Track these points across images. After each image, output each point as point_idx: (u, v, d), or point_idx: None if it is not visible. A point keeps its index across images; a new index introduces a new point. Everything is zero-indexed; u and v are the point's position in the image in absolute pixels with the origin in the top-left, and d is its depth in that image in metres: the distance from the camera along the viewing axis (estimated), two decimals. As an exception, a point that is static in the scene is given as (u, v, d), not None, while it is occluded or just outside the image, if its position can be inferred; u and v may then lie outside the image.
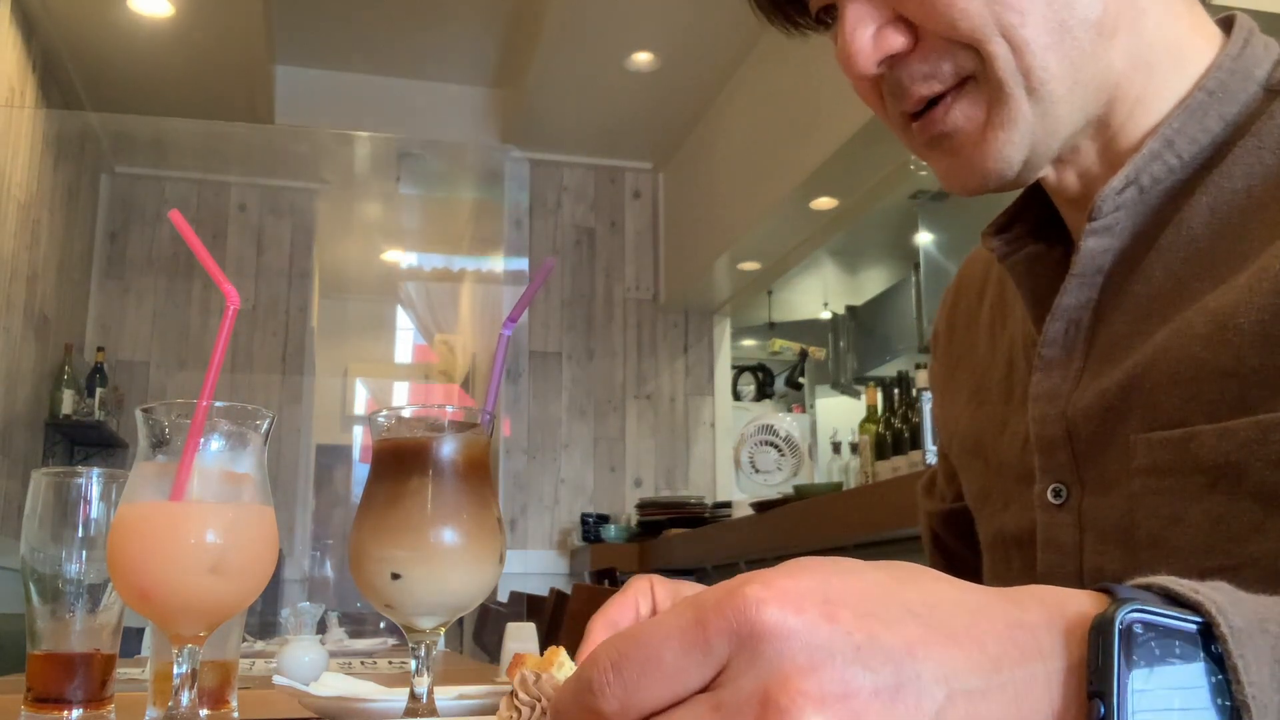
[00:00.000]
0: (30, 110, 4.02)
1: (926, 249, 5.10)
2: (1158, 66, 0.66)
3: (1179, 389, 0.61)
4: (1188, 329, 0.61)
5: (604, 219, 5.45)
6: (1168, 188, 0.66)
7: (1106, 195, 0.65)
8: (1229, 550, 0.58)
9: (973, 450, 0.81)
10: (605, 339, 5.33)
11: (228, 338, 0.66)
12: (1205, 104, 0.65)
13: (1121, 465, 0.64)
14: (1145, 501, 0.62)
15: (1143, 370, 0.63)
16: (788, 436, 4.32)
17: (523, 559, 4.92)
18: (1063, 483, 0.68)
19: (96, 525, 0.83)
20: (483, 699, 0.92)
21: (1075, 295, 0.68)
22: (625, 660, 0.32)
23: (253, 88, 4.63)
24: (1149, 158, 0.65)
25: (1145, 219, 0.66)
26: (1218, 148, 0.65)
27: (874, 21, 0.65)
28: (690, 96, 4.77)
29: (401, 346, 6.70)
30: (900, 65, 0.66)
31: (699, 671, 0.32)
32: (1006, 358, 0.79)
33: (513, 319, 0.75)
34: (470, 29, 4.68)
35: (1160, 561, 0.61)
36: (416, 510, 0.69)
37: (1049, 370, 0.69)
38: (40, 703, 0.81)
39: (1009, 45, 0.62)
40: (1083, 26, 0.63)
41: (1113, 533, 0.65)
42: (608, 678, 0.32)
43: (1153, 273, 0.65)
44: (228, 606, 0.66)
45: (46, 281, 4.29)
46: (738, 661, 0.31)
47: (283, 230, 5.23)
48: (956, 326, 0.90)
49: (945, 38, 0.64)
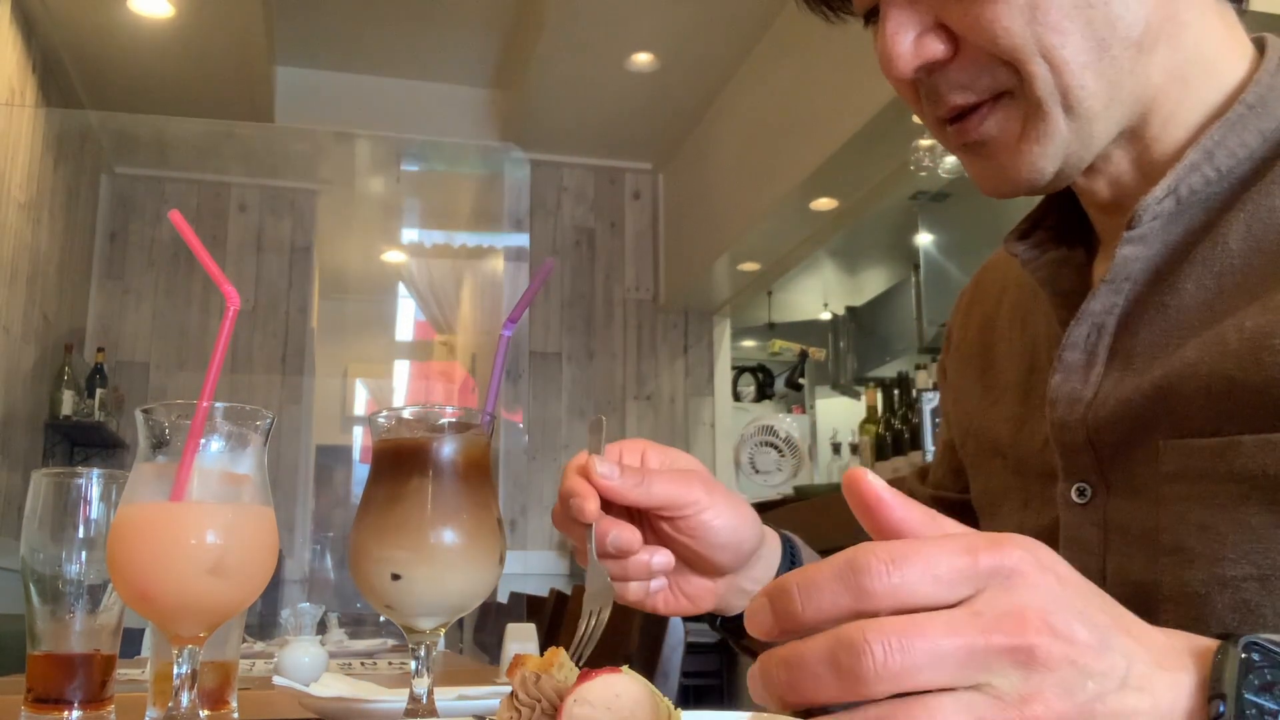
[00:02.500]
0: (30, 110, 4.02)
1: (926, 250, 5.10)
2: (1193, 79, 0.67)
3: (1211, 402, 0.61)
4: (1221, 345, 0.61)
5: (604, 219, 5.45)
6: (1204, 200, 0.66)
7: (1148, 204, 0.65)
8: (1258, 561, 0.58)
9: (990, 449, 0.81)
10: (605, 340, 5.33)
11: (228, 338, 0.66)
12: (1245, 118, 0.65)
13: (1149, 469, 0.64)
14: (1172, 507, 0.62)
15: (1173, 382, 0.62)
16: (788, 437, 4.32)
17: (523, 559, 4.92)
18: (1086, 483, 0.68)
19: (96, 526, 0.83)
20: (483, 699, 0.92)
21: (1102, 300, 0.68)
22: (904, 558, 0.38)
23: (253, 88, 4.63)
24: (1188, 169, 0.65)
25: (1178, 230, 0.66)
26: (1256, 164, 0.65)
27: (915, 27, 0.65)
28: (690, 96, 4.77)
29: (403, 327, 6.64)
30: (939, 72, 0.66)
31: (960, 587, 0.38)
32: (1028, 358, 0.79)
33: (513, 320, 0.75)
34: (470, 29, 4.68)
35: (1184, 566, 0.61)
36: (417, 511, 0.69)
37: (1069, 373, 0.69)
38: (40, 703, 0.81)
39: (1049, 65, 0.62)
40: (1123, 45, 0.63)
41: (1137, 535, 0.65)
42: (886, 566, 0.38)
43: (1183, 285, 0.65)
44: (228, 607, 0.66)
45: (46, 281, 4.29)
46: (993, 589, 0.38)
47: (283, 230, 5.23)
48: (971, 327, 0.90)
49: (986, 51, 0.64)
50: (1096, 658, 0.38)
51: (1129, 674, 0.39)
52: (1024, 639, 0.37)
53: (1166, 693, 0.40)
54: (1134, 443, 0.65)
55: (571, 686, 0.45)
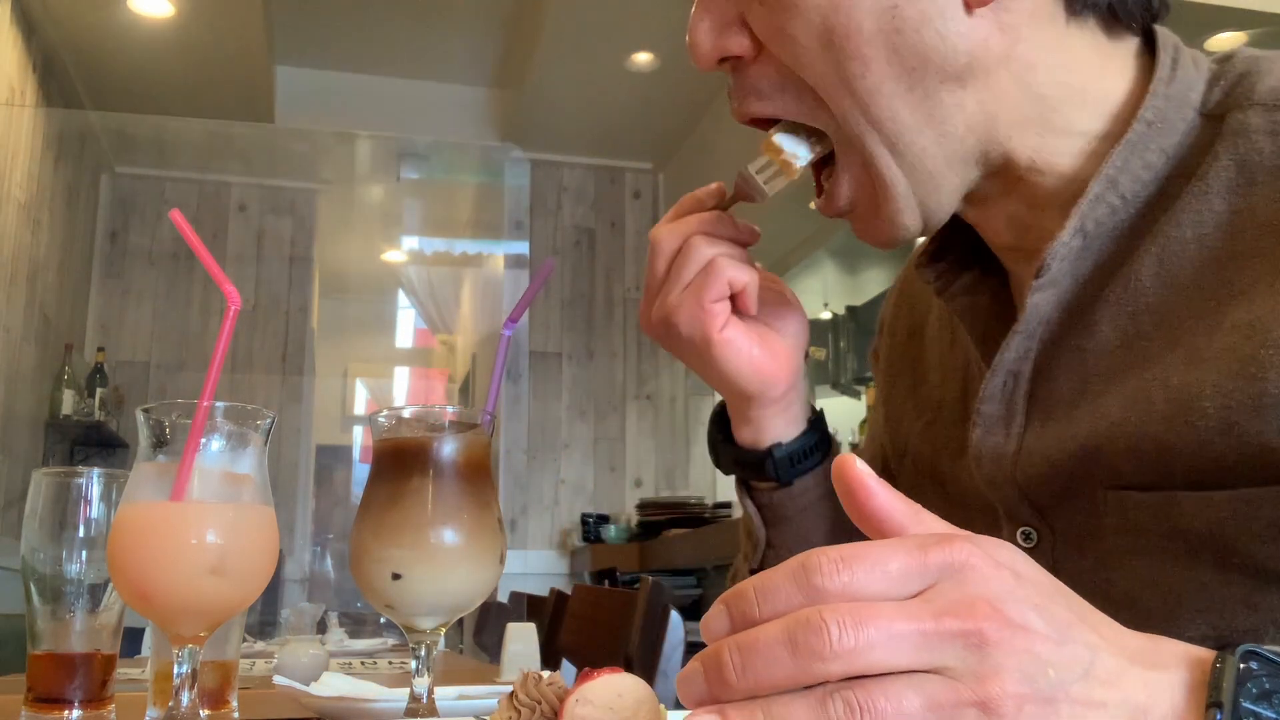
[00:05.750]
0: (30, 110, 4.02)
1: (926, 249, 5.10)
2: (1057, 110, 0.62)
3: (1142, 461, 0.57)
4: (1146, 404, 0.57)
5: (604, 219, 5.45)
6: (1111, 230, 0.61)
7: (1056, 250, 0.61)
8: (1214, 623, 0.56)
9: (929, 475, 0.77)
10: (605, 339, 5.33)
11: (229, 338, 0.66)
12: (1145, 136, 0.60)
13: (1093, 520, 0.61)
14: (1121, 560, 0.60)
15: (1099, 443, 0.59)
16: (788, 437, 4.31)
17: (523, 559, 4.92)
18: (1031, 527, 0.65)
19: (96, 525, 0.83)
20: (483, 699, 0.92)
21: (1016, 349, 0.65)
22: (855, 558, 0.38)
23: (253, 88, 4.63)
24: (1093, 202, 0.60)
25: (1088, 266, 0.62)
26: (1161, 186, 0.60)
27: (720, 18, 0.63)
28: (690, 96, 4.77)
29: (402, 333, 6.66)
30: (740, 71, 0.64)
31: (911, 582, 0.38)
32: (961, 378, 0.75)
33: (513, 319, 0.75)
34: (470, 29, 4.68)
35: (1141, 622, 0.59)
36: (417, 510, 0.69)
37: (989, 428, 0.66)
38: (40, 703, 0.81)
39: (852, 98, 0.59)
40: (938, 77, 0.59)
41: (1090, 585, 0.60)
42: (837, 566, 0.38)
43: (1098, 328, 0.61)
44: (228, 607, 0.66)
45: (47, 281, 4.29)
46: (946, 583, 0.38)
47: (283, 230, 5.22)
48: (898, 334, 0.86)
49: (788, 65, 0.61)
50: (1055, 648, 0.38)
51: (1093, 666, 0.38)
52: (974, 623, 0.37)
53: (1139, 690, 0.39)
54: (1072, 494, 0.62)
55: (573, 686, 0.45)
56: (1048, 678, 0.37)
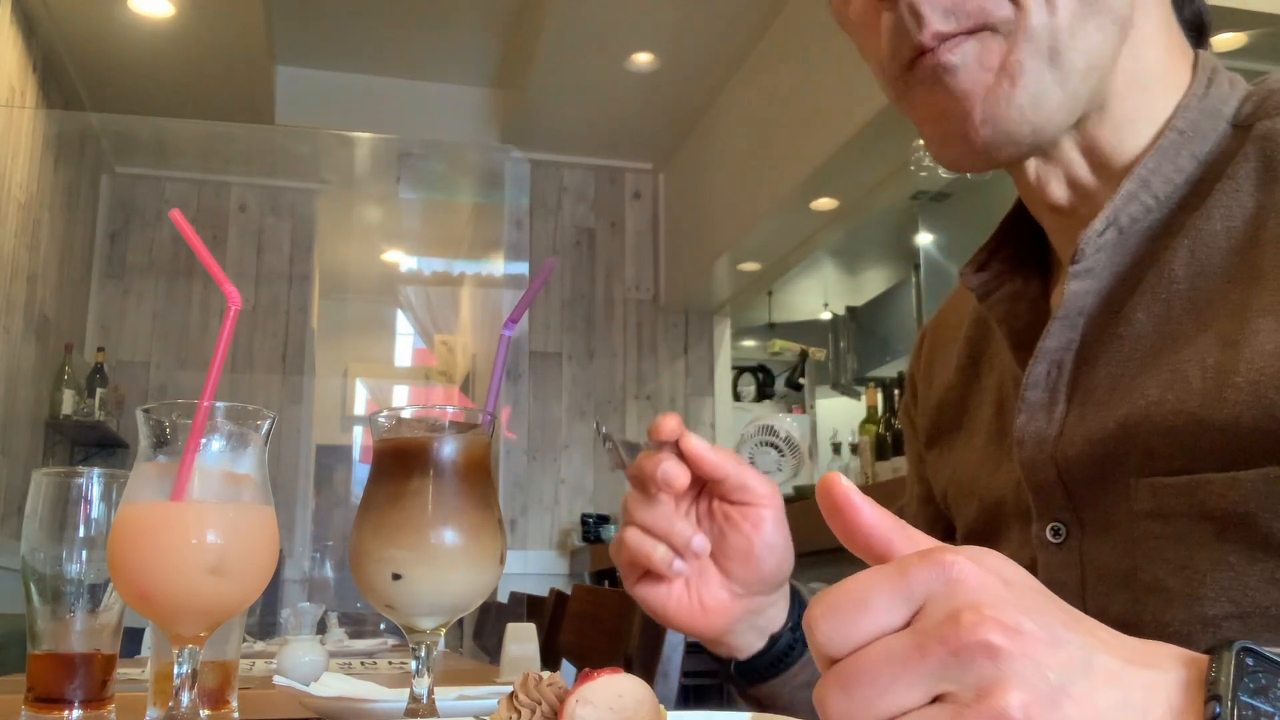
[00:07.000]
0: (30, 110, 4.02)
1: (926, 249, 5.10)
2: (1147, 89, 0.67)
3: (1177, 440, 0.60)
4: (1182, 383, 0.60)
5: (604, 219, 5.45)
6: (1145, 228, 0.66)
7: (1089, 238, 0.65)
8: (1237, 599, 0.58)
9: (967, 490, 0.80)
10: (605, 339, 5.33)
11: (229, 338, 0.66)
12: (1177, 143, 0.65)
13: (1123, 507, 0.64)
14: (1149, 545, 0.62)
15: (1137, 421, 0.62)
16: (788, 437, 4.32)
17: (523, 559, 4.92)
18: (1061, 522, 0.68)
19: (96, 525, 0.83)
20: (483, 699, 0.92)
21: (1057, 337, 0.68)
22: (837, 606, 0.39)
23: (253, 88, 4.63)
24: (1126, 199, 0.65)
25: (1125, 260, 0.66)
26: (1193, 187, 0.65)
27: None
28: (690, 96, 4.77)
29: (401, 350, 6.70)
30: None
31: (901, 610, 0.39)
32: (996, 396, 0.78)
33: (513, 320, 0.75)
34: (470, 29, 4.68)
35: (1164, 606, 0.61)
36: (417, 510, 0.69)
37: (1033, 413, 0.69)
38: (41, 703, 0.81)
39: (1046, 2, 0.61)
40: (1110, 16, 0.63)
41: (1115, 574, 0.64)
42: (823, 618, 0.39)
43: (1135, 315, 0.65)
44: (228, 607, 0.66)
45: (46, 281, 4.29)
46: (933, 601, 0.38)
47: (283, 231, 5.23)
48: (938, 374, 0.89)
49: None
50: (1050, 650, 0.38)
51: (1091, 666, 0.38)
52: (959, 641, 0.37)
53: (1139, 689, 0.39)
54: (1105, 480, 0.65)
55: (573, 686, 0.45)
56: (1048, 682, 0.37)
